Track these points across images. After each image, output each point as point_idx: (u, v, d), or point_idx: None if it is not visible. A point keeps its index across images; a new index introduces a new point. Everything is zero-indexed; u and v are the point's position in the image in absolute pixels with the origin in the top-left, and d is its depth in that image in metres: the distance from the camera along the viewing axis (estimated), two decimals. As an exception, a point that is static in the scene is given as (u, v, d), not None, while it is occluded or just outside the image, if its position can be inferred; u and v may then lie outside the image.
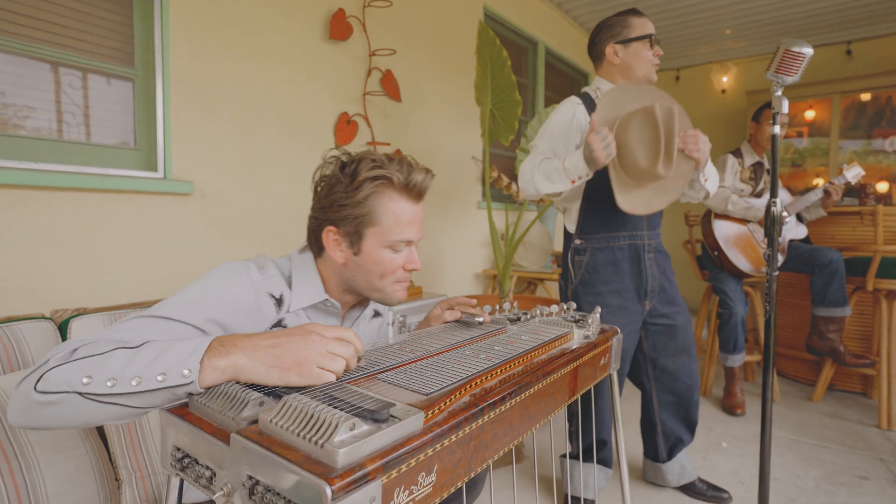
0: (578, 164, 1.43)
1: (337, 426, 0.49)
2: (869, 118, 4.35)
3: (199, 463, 0.58)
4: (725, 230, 2.59)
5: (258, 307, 0.84)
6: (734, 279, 2.60)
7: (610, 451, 1.77)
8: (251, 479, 0.51)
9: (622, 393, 1.94)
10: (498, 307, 1.21)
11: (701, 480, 1.80)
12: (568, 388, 0.90)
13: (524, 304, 2.68)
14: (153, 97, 1.73)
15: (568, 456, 1.78)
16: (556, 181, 1.47)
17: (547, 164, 1.51)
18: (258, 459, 0.50)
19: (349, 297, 0.98)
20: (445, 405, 0.61)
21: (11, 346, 1.19)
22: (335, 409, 0.53)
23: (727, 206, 2.56)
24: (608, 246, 1.64)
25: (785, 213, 2.58)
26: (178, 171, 1.77)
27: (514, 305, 1.23)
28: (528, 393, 0.75)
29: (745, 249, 2.59)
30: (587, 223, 1.66)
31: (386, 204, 0.88)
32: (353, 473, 0.46)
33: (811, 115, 4.55)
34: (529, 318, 1.10)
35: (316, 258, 0.95)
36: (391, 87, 2.56)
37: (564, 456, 1.82)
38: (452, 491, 0.61)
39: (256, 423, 0.55)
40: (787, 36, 4.57)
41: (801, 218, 2.77)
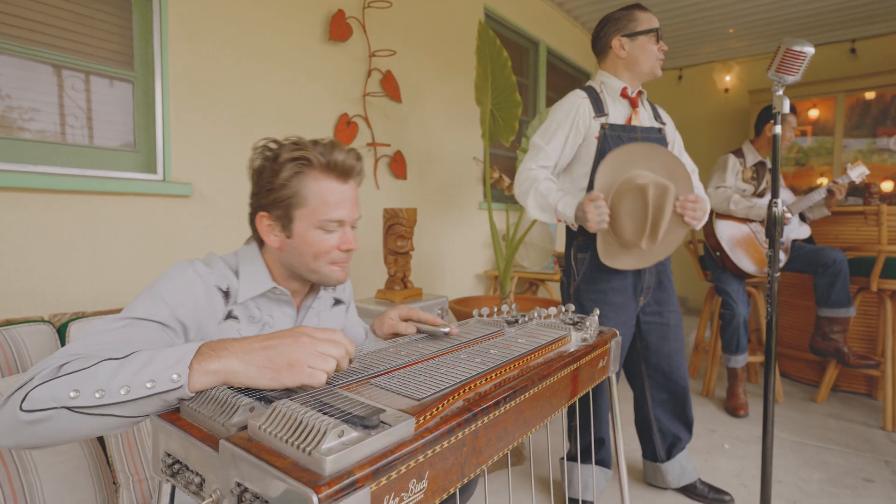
0: (568, 215, 1.52)
1: (325, 433, 0.48)
2: (874, 117, 4.31)
3: (189, 469, 0.57)
4: (727, 230, 2.57)
5: (208, 301, 0.85)
6: (736, 280, 2.58)
7: (609, 450, 1.76)
8: (239, 486, 0.50)
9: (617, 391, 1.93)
10: (496, 309, 1.21)
11: (702, 482, 1.79)
12: (565, 391, 0.89)
13: (525, 305, 2.68)
14: (152, 99, 1.73)
15: (567, 457, 1.79)
16: (545, 213, 1.57)
17: (545, 189, 1.56)
18: (246, 466, 0.49)
19: (295, 283, 0.97)
20: (438, 410, 0.61)
21: (10, 349, 1.19)
22: (325, 415, 0.53)
23: (729, 205, 2.54)
24: None
25: (788, 212, 2.58)
26: (177, 172, 1.77)
27: (512, 307, 1.23)
28: (523, 397, 0.75)
29: (747, 250, 2.57)
30: None
31: (310, 185, 0.88)
32: (340, 481, 0.46)
33: (815, 113, 4.52)
34: (527, 320, 1.09)
35: (260, 249, 0.96)
36: (391, 87, 2.56)
37: (563, 457, 1.81)
38: (445, 497, 0.60)
39: (246, 429, 0.55)
40: (790, 34, 4.54)
41: (804, 218, 2.75)
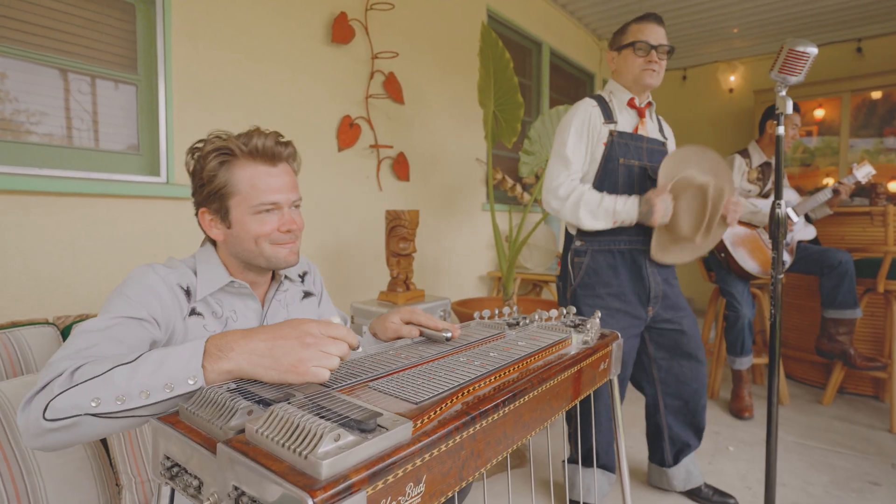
0: (631, 213, 1.55)
1: (321, 437, 0.48)
2: (880, 116, 4.28)
3: (187, 472, 0.57)
4: (732, 232, 2.56)
5: (172, 298, 0.87)
6: (741, 281, 2.57)
7: (612, 453, 1.75)
8: (237, 489, 0.50)
9: (625, 397, 1.92)
10: (497, 311, 1.21)
11: (707, 486, 1.77)
12: (565, 394, 0.88)
13: (528, 306, 2.67)
14: (156, 102, 1.74)
15: (568, 461, 1.78)
16: (600, 219, 1.58)
17: (593, 198, 1.58)
18: (243, 470, 0.49)
19: (251, 274, 0.98)
20: (436, 414, 0.61)
21: (14, 351, 1.20)
22: (322, 418, 0.53)
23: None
24: (608, 249, 1.63)
25: (793, 214, 2.56)
26: (180, 175, 1.78)
27: (513, 310, 1.23)
28: (522, 400, 0.74)
29: (752, 251, 2.55)
30: None
31: (237, 173, 0.89)
32: (336, 485, 0.46)
33: (820, 113, 4.50)
34: (528, 322, 1.09)
35: (216, 248, 0.97)
36: (394, 89, 2.56)
37: (566, 460, 1.80)
38: (443, 501, 0.60)
39: (244, 432, 0.55)
40: (796, 34, 4.51)
41: (809, 219, 2.73)
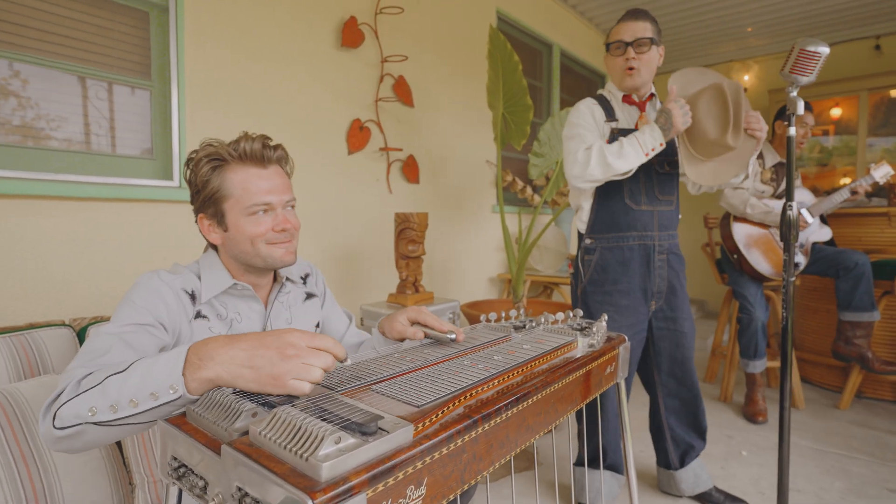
0: (655, 134, 1.50)
1: (322, 439, 0.49)
2: (900, 115, 4.20)
3: (194, 473, 0.59)
4: (745, 232, 2.53)
5: (178, 303, 0.89)
6: (754, 283, 2.53)
7: (620, 456, 1.74)
8: (240, 490, 0.51)
9: (630, 397, 1.91)
10: (504, 314, 1.21)
11: (717, 490, 1.75)
12: (571, 397, 0.88)
13: (538, 308, 2.66)
14: (169, 107, 1.78)
15: (577, 462, 1.77)
16: (629, 157, 1.51)
17: (611, 147, 1.52)
18: (246, 471, 0.50)
19: (253, 276, 1.00)
20: (437, 417, 0.61)
21: (32, 352, 1.23)
22: (324, 421, 0.54)
23: (746, 208, 2.50)
24: (618, 246, 1.63)
25: (808, 215, 2.52)
26: (193, 179, 1.80)
27: (520, 312, 1.23)
28: (526, 404, 0.75)
29: (766, 252, 2.52)
30: (597, 223, 1.67)
31: (229, 177, 0.92)
32: (336, 487, 0.47)
33: (837, 112, 4.42)
34: (534, 325, 1.09)
35: (218, 252, 1.00)
36: (403, 92, 2.58)
37: (576, 463, 1.79)
38: (445, 503, 0.61)
39: (248, 434, 0.56)
40: (812, 32, 4.44)
41: (824, 219, 2.68)
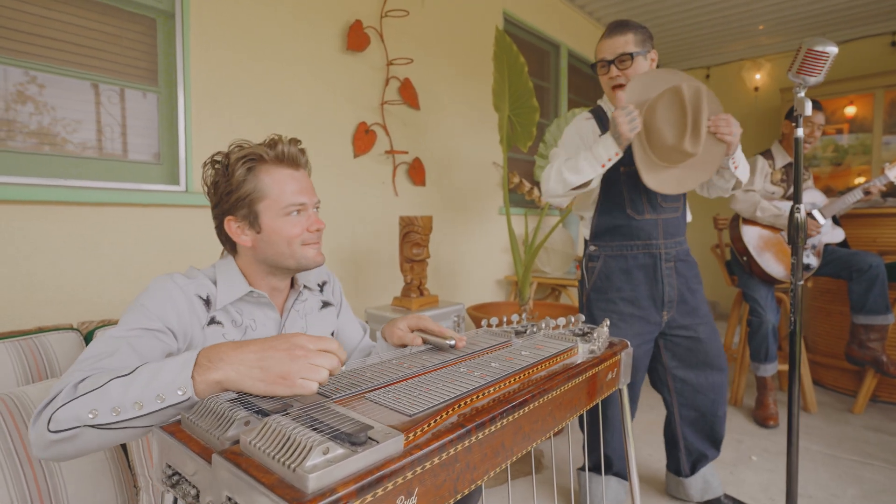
0: (607, 144, 1.45)
1: (310, 450, 0.49)
2: (916, 113, 4.11)
3: (186, 481, 0.59)
4: (756, 235, 2.49)
5: (190, 309, 0.89)
6: (765, 285, 2.49)
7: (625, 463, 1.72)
8: (230, 500, 0.51)
9: (638, 403, 1.88)
10: (506, 319, 1.20)
11: (727, 496, 1.73)
12: (570, 404, 0.88)
13: (544, 311, 2.65)
14: (175, 113, 1.79)
15: (580, 468, 1.76)
16: (584, 170, 1.48)
17: (572, 160, 1.51)
18: (236, 481, 0.51)
19: (275, 280, 1.00)
20: (429, 426, 0.61)
21: (40, 355, 1.25)
22: (315, 431, 0.54)
23: (756, 211, 2.46)
24: (621, 254, 1.61)
25: (820, 216, 2.48)
26: (199, 183, 1.82)
27: (522, 317, 1.22)
28: (522, 412, 0.74)
29: (777, 254, 2.48)
30: (601, 231, 1.65)
31: (264, 178, 0.92)
32: (323, 498, 0.46)
33: (852, 111, 4.34)
34: (535, 331, 1.08)
35: (234, 258, 0.99)
36: (409, 95, 2.58)
37: (582, 468, 1.78)
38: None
39: (240, 443, 0.56)
40: (826, 29, 4.37)
41: (837, 220, 2.63)
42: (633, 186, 1.58)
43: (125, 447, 1.23)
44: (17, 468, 1.04)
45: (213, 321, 0.92)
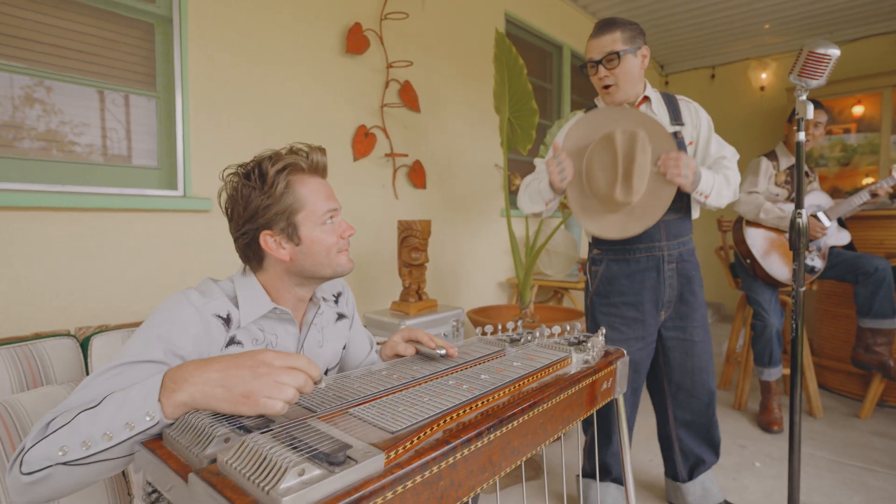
0: (544, 184, 1.53)
1: (285, 471, 0.48)
2: (925, 113, 4.05)
3: (165, 499, 0.58)
4: (759, 237, 2.46)
5: (206, 331, 0.85)
6: (769, 289, 2.46)
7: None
8: (205, 521, 0.51)
9: (642, 407, 1.86)
10: (501, 326, 1.19)
11: (728, 503, 1.71)
12: (561, 416, 0.86)
13: (546, 314, 2.63)
14: (173, 117, 1.79)
15: (582, 473, 1.74)
16: (535, 202, 1.58)
17: (534, 184, 1.59)
18: (211, 502, 0.50)
19: (303, 290, 0.98)
20: (412, 444, 0.60)
21: (35, 363, 1.25)
22: (293, 450, 0.53)
23: (759, 214, 2.43)
24: (624, 258, 1.59)
25: (825, 218, 2.44)
26: (197, 188, 1.82)
27: (518, 324, 1.21)
28: (511, 426, 0.73)
29: (782, 255, 2.45)
30: None
31: (301, 189, 0.91)
32: (297, 522, 0.46)
33: (859, 110, 4.28)
34: (530, 339, 1.07)
35: (256, 273, 0.96)
36: (410, 97, 2.57)
37: (584, 475, 1.76)
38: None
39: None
40: (832, 28, 4.32)
41: (843, 223, 2.60)
42: None
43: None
44: (9, 477, 1.03)
45: (232, 341, 0.89)
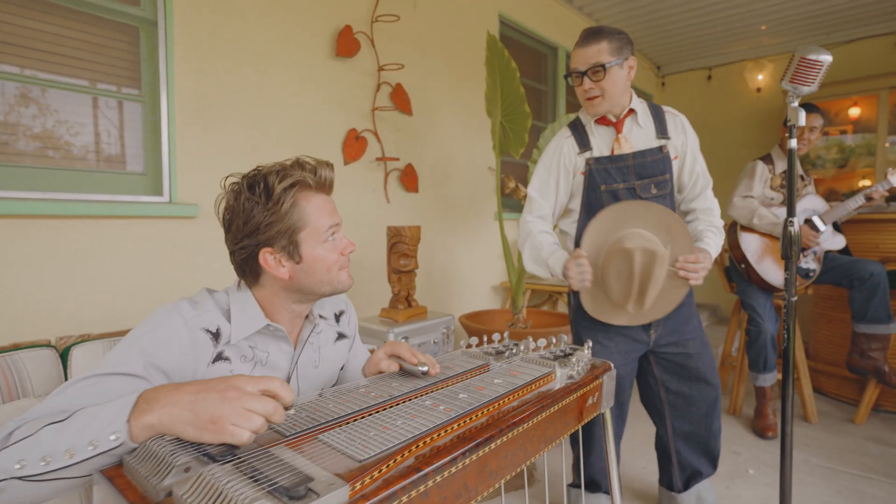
0: (557, 271, 1.50)
1: (239, 510, 0.46)
2: (922, 114, 4.03)
3: (123, 531, 0.56)
4: (753, 242, 2.44)
5: (193, 345, 0.83)
6: (763, 293, 2.44)
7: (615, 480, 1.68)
8: (158, 560, 0.48)
9: (637, 413, 1.84)
10: (486, 337, 1.17)
11: (721, 514, 1.69)
12: (543, 435, 0.84)
13: (539, 319, 2.61)
14: (159, 122, 1.77)
15: (571, 485, 1.72)
16: (539, 267, 1.57)
17: (538, 243, 1.56)
18: (163, 540, 0.48)
19: (300, 307, 0.96)
20: (380, 473, 0.57)
21: (12, 374, 1.23)
22: (254, 482, 0.51)
23: (753, 219, 2.41)
24: None
25: (820, 222, 2.43)
26: (183, 194, 1.80)
27: (504, 335, 1.18)
28: (488, 448, 0.71)
29: (777, 260, 2.43)
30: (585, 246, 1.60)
31: (307, 206, 0.89)
32: (250, 565, 0.43)
33: (856, 112, 4.27)
34: (514, 353, 1.04)
35: (252, 288, 0.94)
36: (401, 101, 2.55)
37: (572, 485, 1.74)
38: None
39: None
40: (828, 29, 4.30)
41: (838, 227, 2.58)
42: (614, 202, 1.53)
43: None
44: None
45: (219, 357, 0.86)
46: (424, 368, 0.91)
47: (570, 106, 4.02)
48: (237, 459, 0.57)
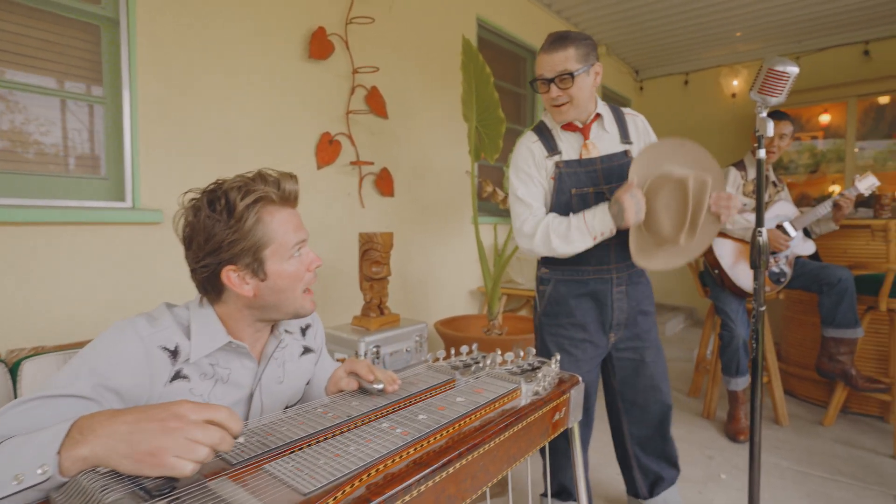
0: (605, 221, 1.40)
1: (163, 558, 0.42)
2: (889, 122, 4.15)
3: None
4: (726, 248, 2.47)
5: (148, 364, 0.79)
6: (736, 299, 2.47)
7: (588, 491, 1.68)
8: None
9: (598, 420, 1.83)
10: (454, 350, 1.14)
11: (692, 520, 1.69)
12: (506, 456, 0.82)
13: (514, 324, 2.60)
14: (120, 125, 1.71)
15: (543, 495, 1.71)
16: (576, 241, 1.42)
17: (560, 224, 1.45)
18: (81, 591, 0.44)
19: (262, 324, 0.93)
20: (326, 507, 0.54)
21: (-45, 391, 1.16)
22: (185, 523, 0.47)
23: (727, 224, 2.44)
24: (572, 279, 1.55)
25: (791, 228, 2.46)
26: (147, 199, 1.74)
27: (473, 347, 1.16)
28: (446, 473, 0.68)
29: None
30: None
31: (271, 222, 0.86)
32: None
33: (826, 119, 4.37)
34: (480, 367, 1.02)
35: (214, 304, 0.90)
36: (377, 104, 2.51)
37: (544, 495, 1.73)
38: None
39: (101, 535, 0.49)
40: (801, 37, 4.40)
41: (808, 233, 2.62)
42: (584, 206, 1.51)
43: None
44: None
45: (178, 375, 0.82)
46: (380, 386, 0.88)
47: (548, 110, 4.03)
48: (173, 496, 0.54)
